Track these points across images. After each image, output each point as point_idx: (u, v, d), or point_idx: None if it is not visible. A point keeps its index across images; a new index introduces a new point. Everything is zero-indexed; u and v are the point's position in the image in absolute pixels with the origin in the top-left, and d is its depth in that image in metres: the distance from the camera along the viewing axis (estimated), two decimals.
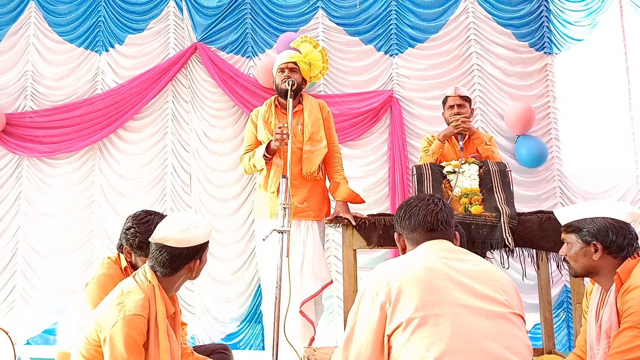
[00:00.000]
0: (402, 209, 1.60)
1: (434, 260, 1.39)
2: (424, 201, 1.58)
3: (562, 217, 1.81)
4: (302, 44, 2.93)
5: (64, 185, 4.46)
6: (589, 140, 4.27)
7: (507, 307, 1.34)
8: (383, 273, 1.37)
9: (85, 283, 2.10)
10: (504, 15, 4.49)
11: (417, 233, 1.54)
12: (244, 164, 2.96)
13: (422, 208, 1.55)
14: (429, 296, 1.29)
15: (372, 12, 4.55)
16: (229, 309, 4.26)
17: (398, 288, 1.31)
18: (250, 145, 2.98)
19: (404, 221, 1.57)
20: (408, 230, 1.56)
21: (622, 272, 1.66)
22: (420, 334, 1.25)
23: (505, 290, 1.38)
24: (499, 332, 1.29)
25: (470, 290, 1.33)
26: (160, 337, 1.72)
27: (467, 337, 1.25)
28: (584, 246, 1.73)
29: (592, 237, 1.71)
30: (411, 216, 1.56)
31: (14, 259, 4.41)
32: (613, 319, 1.64)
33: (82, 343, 1.74)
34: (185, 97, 4.56)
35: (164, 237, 1.76)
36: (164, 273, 1.79)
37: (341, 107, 4.40)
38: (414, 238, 1.54)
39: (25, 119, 4.44)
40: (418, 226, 1.54)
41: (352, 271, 2.73)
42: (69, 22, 4.65)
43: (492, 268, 1.44)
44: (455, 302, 1.29)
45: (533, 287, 3.53)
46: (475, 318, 1.28)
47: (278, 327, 2.13)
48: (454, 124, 3.07)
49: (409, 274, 1.34)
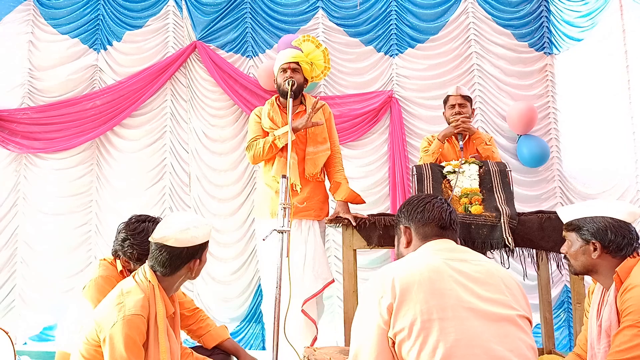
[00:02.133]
0: (413, 202, 1.59)
1: (438, 262, 1.38)
2: (436, 199, 1.58)
3: (564, 215, 1.84)
4: (304, 42, 2.92)
5: (62, 184, 4.43)
6: (589, 140, 4.27)
7: (512, 309, 1.33)
8: (387, 275, 1.35)
9: (84, 286, 2.10)
10: (503, 16, 4.50)
11: (430, 228, 1.52)
12: (256, 149, 2.85)
13: (436, 205, 1.55)
14: (434, 300, 1.28)
15: (372, 13, 4.55)
16: (228, 309, 4.26)
17: (403, 291, 1.29)
18: (257, 135, 2.92)
19: (417, 214, 1.55)
20: (420, 224, 1.54)
21: (621, 271, 1.67)
22: (425, 338, 1.24)
23: (510, 290, 1.37)
24: (503, 335, 1.28)
25: (475, 292, 1.32)
26: (160, 337, 1.72)
27: (472, 341, 1.24)
28: (584, 245, 1.75)
29: (592, 235, 1.73)
30: (425, 210, 1.54)
31: (13, 259, 4.39)
32: (613, 318, 1.65)
33: (81, 343, 1.74)
34: (185, 96, 4.55)
35: (163, 236, 1.75)
36: (164, 273, 1.79)
37: (341, 108, 4.40)
38: (424, 232, 1.53)
39: (19, 115, 4.41)
40: (432, 221, 1.52)
41: (352, 271, 2.73)
42: (66, 15, 4.61)
43: (496, 268, 1.43)
44: (460, 305, 1.28)
45: (533, 287, 3.53)
46: (480, 321, 1.27)
47: (278, 327, 2.13)
48: (454, 124, 3.06)
49: (413, 276, 1.33)
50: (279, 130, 2.79)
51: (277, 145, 2.78)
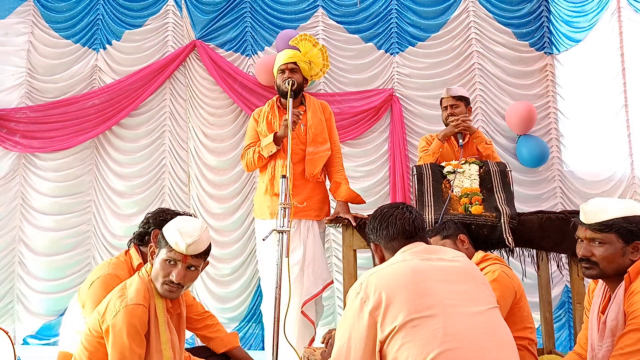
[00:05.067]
0: (377, 219, 1.61)
1: (418, 262, 1.43)
2: (398, 210, 1.59)
3: (593, 215, 1.70)
4: (301, 42, 2.92)
5: (60, 183, 4.43)
6: (588, 140, 4.27)
7: (490, 304, 1.40)
8: (371, 279, 1.38)
9: (90, 282, 2.07)
10: (504, 15, 4.49)
11: (397, 241, 1.55)
12: (247, 159, 2.91)
13: (398, 217, 1.57)
14: (420, 299, 1.31)
15: (372, 11, 4.54)
16: (228, 309, 4.25)
17: (387, 293, 1.32)
18: (252, 142, 2.95)
19: (381, 231, 1.58)
20: (386, 240, 1.57)
21: (633, 272, 1.64)
22: (414, 337, 1.26)
23: (483, 284, 1.45)
24: (489, 326, 1.34)
25: (456, 288, 1.37)
26: (161, 328, 1.75)
27: (460, 335, 1.27)
28: (624, 246, 1.66)
29: (636, 236, 1.64)
30: (388, 226, 1.56)
31: (12, 259, 4.38)
32: (620, 318, 1.63)
33: (83, 335, 1.76)
34: (184, 95, 4.54)
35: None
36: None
37: (341, 106, 4.39)
38: (392, 247, 1.55)
39: (18, 114, 4.39)
40: (397, 235, 1.55)
41: (352, 271, 2.73)
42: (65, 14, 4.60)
43: (466, 263, 1.49)
44: (444, 301, 1.32)
45: (533, 287, 3.52)
46: (465, 316, 1.32)
47: (278, 327, 2.13)
48: (454, 124, 3.07)
49: (397, 278, 1.36)
50: (264, 140, 2.83)
51: (263, 156, 2.82)
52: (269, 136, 2.81)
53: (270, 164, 2.88)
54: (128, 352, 1.65)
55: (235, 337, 2.29)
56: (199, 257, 1.78)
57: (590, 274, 1.73)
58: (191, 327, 2.21)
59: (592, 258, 1.70)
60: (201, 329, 2.24)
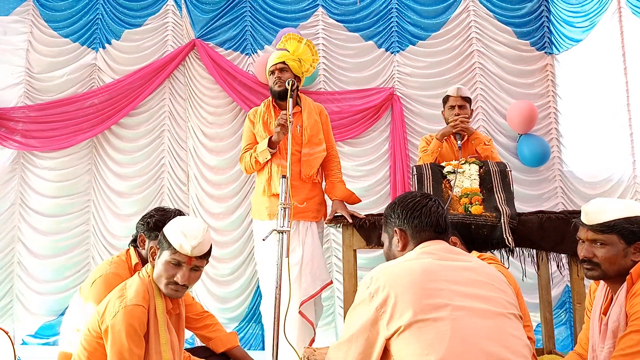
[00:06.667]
0: (408, 206, 1.54)
1: (430, 262, 1.39)
2: (432, 202, 1.55)
3: (595, 216, 1.69)
4: (287, 42, 2.94)
5: (59, 183, 4.42)
6: (589, 140, 4.25)
7: (503, 308, 1.34)
8: (380, 275, 1.36)
9: (92, 280, 2.08)
10: (505, 14, 4.48)
11: (426, 233, 1.50)
12: (245, 162, 2.92)
13: (433, 209, 1.52)
14: (428, 299, 1.28)
15: (372, 9, 4.53)
16: (227, 309, 4.25)
17: (395, 292, 1.30)
18: (249, 144, 2.96)
19: (414, 218, 1.51)
20: (417, 229, 1.51)
21: (635, 273, 1.63)
22: (420, 337, 1.24)
23: (501, 290, 1.38)
24: (498, 331, 1.28)
25: (468, 290, 1.33)
26: (160, 329, 1.75)
27: (467, 339, 1.24)
28: (626, 247, 1.65)
29: (637, 236, 1.63)
30: (422, 215, 1.51)
31: (11, 259, 4.38)
32: (622, 319, 1.62)
33: (83, 335, 1.76)
34: (183, 94, 4.53)
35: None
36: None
37: (341, 104, 4.38)
38: (420, 237, 1.51)
39: (18, 113, 4.38)
40: (429, 226, 1.50)
41: (352, 271, 2.73)
42: (65, 13, 4.59)
43: (486, 267, 1.43)
44: (453, 303, 1.28)
45: (533, 287, 3.52)
46: (474, 319, 1.28)
47: (278, 327, 2.12)
48: (452, 124, 3.07)
49: (406, 276, 1.33)
50: (259, 146, 2.84)
51: (260, 161, 2.84)
52: (263, 142, 2.82)
53: (267, 164, 2.87)
54: (127, 353, 1.65)
55: (234, 336, 2.28)
56: (203, 257, 1.80)
57: (592, 275, 1.71)
58: (190, 327, 2.22)
59: (594, 259, 1.69)
60: (200, 329, 2.24)
